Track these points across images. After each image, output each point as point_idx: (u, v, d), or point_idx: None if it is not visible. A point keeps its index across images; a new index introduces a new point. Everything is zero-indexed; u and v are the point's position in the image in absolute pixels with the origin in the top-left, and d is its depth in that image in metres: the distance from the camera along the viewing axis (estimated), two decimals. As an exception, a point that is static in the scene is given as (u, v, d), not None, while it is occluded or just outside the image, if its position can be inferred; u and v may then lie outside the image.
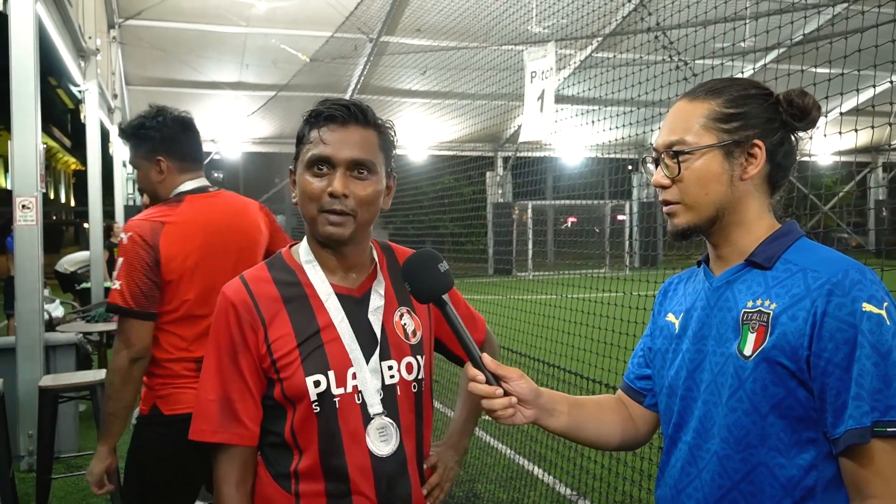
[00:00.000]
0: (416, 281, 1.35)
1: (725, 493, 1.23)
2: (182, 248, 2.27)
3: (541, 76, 4.19)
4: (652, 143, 1.37)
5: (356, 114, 1.43)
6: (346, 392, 1.42)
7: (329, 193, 1.39)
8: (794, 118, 1.27)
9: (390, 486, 1.43)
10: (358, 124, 1.43)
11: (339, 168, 1.40)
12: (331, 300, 1.46)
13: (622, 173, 15.43)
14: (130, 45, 12.15)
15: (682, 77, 3.93)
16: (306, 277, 1.48)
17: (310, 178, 1.42)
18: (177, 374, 2.25)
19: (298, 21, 11.75)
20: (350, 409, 1.42)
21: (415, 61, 12.33)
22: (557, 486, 4.19)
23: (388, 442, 1.43)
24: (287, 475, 1.42)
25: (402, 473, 1.45)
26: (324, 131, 1.42)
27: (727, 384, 1.24)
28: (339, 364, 1.42)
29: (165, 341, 2.27)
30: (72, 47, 7.61)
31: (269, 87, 13.97)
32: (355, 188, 1.41)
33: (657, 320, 1.46)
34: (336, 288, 1.47)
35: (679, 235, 1.31)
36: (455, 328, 1.32)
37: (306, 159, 1.42)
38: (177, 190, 2.41)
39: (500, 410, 1.28)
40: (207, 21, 11.86)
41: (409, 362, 1.49)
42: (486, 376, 1.29)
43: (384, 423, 1.43)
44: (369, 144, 1.43)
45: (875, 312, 1.13)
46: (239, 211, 2.52)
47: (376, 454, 1.42)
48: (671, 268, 4.83)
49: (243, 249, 2.43)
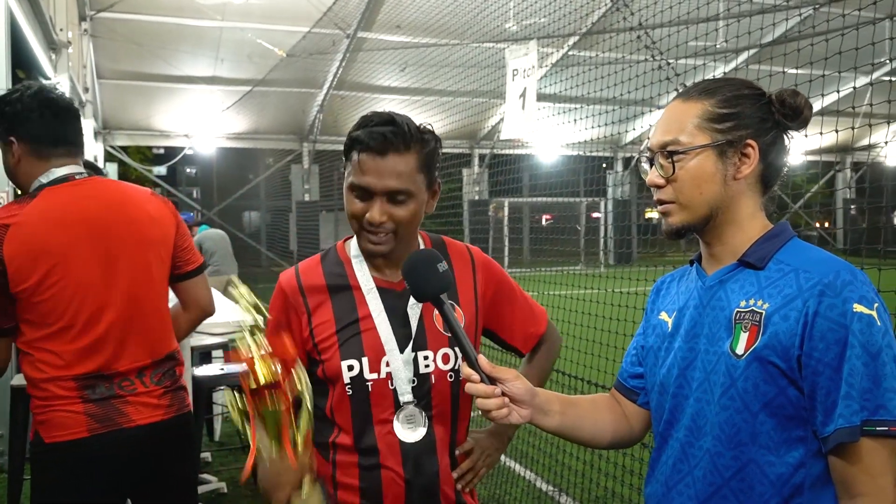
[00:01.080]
0: (414, 280, 1.39)
1: (716, 490, 1.25)
2: (30, 253, 1.92)
3: (522, 74, 4.20)
4: (643, 143, 1.38)
5: (393, 142, 1.47)
6: (380, 378, 1.54)
7: (368, 221, 1.50)
8: (786, 118, 1.29)
9: (417, 464, 1.54)
10: (396, 152, 1.48)
11: (377, 197, 1.49)
12: (371, 294, 1.58)
13: (597, 172, 15.54)
14: (103, 38, 11.95)
15: (664, 77, 3.96)
16: (353, 271, 1.61)
17: (352, 198, 1.52)
18: (54, 395, 1.96)
19: (274, 16, 11.64)
20: (383, 393, 1.54)
21: (392, 58, 12.28)
22: (538, 483, 4.21)
23: (414, 429, 1.55)
24: (326, 445, 1.57)
25: (430, 454, 1.56)
26: (363, 159, 1.49)
27: (719, 382, 1.25)
28: (373, 352, 1.54)
29: (39, 359, 1.97)
30: (42, 40, 7.46)
31: (244, 81, 13.81)
32: (394, 212, 1.50)
33: (650, 318, 1.48)
34: (378, 282, 1.59)
35: (673, 234, 1.33)
36: (452, 327, 1.34)
37: (347, 183, 1.53)
38: (37, 180, 2.04)
39: (495, 410, 1.29)
40: (182, 14, 11.70)
41: (445, 353, 1.59)
42: (480, 376, 1.30)
43: (413, 411, 1.55)
44: (408, 171, 1.49)
45: (866, 313, 1.15)
46: (118, 202, 2.10)
47: (403, 439, 1.54)
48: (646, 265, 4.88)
49: (126, 248, 2.06)
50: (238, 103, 14.53)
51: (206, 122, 15.58)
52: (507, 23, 8.00)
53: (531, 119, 4.20)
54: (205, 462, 4.75)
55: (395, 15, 10.74)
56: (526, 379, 1.34)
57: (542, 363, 1.81)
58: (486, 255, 1.72)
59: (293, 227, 16.72)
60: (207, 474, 4.48)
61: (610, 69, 4.55)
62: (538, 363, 1.80)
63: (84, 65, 11.33)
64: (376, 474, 1.53)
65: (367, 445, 1.54)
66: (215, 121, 15.51)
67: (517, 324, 1.74)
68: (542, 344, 1.80)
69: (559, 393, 1.46)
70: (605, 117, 5.01)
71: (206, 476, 4.43)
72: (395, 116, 1.51)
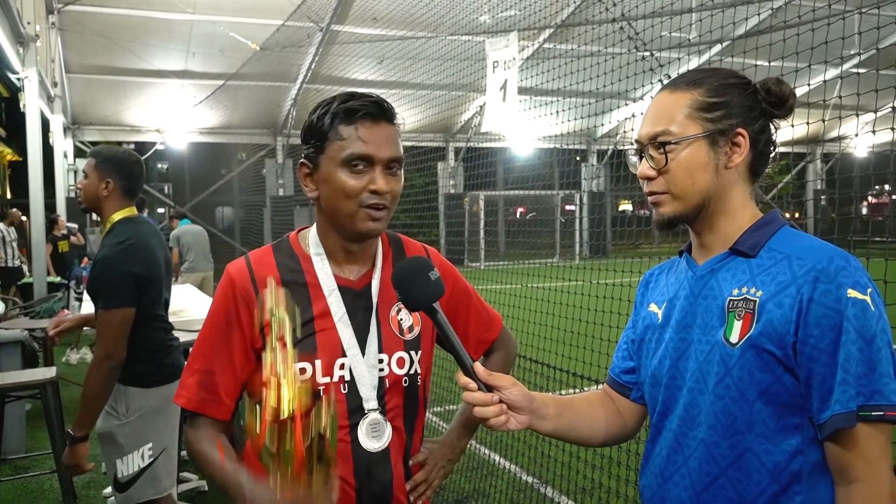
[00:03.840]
0: (406, 289, 1.35)
1: (713, 480, 1.25)
2: None
3: (503, 66, 4.19)
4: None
5: (388, 109, 1.45)
6: (332, 382, 1.43)
7: (374, 192, 1.41)
8: (772, 106, 1.29)
9: (370, 472, 1.45)
10: (387, 121, 1.45)
11: (379, 166, 1.42)
12: (333, 295, 1.48)
13: (572, 164, 15.61)
14: (71, 32, 11.73)
15: (640, 70, 3.97)
16: (311, 266, 1.50)
17: (347, 175, 1.41)
18: None
19: (246, 9, 11.51)
20: (337, 400, 1.42)
21: (366, 51, 12.21)
22: (522, 475, 4.22)
23: (378, 438, 1.46)
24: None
25: (384, 462, 1.47)
26: (361, 128, 1.41)
27: (713, 372, 1.25)
28: (327, 354, 1.43)
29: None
30: (10, 33, 7.30)
31: (216, 75, 13.65)
32: (392, 184, 1.44)
33: (639, 311, 1.47)
34: (338, 279, 1.50)
35: (665, 225, 1.32)
36: (446, 336, 1.31)
37: (342, 157, 1.41)
38: None
39: (494, 418, 1.28)
40: (151, 7, 11.52)
41: (400, 357, 1.50)
42: (478, 384, 1.29)
43: (377, 419, 1.46)
44: (398, 141, 1.47)
45: (860, 298, 1.15)
46: None
47: (365, 448, 1.44)
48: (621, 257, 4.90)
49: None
50: (210, 97, 14.35)
51: (177, 116, 15.38)
52: (483, 16, 7.99)
53: (512, 111, 4.20)
54: (184, 459, 4.69)
55: (370, 7, 10.67)
56: (522, 385, 1.33)
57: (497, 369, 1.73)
58: (442, 256, 1.67)
59: (267, 223, 16.58)
60: (188, 472, 4.43)
61: (585, 62, 4.56)
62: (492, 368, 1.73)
63: (52, 59, 11.12)
64: None
65: None
66: (187, 115, 15.31)
67: (470, 328, 1.67)
68: (494, 350, 1.73)
69: (554, 395, 1.45)
70: (580, 110, 5.02)
71: (187, 474, 4.38)
72: (366, 92, 1.47)
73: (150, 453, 2.84)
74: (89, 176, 2.85)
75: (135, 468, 2.82)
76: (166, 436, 2.89)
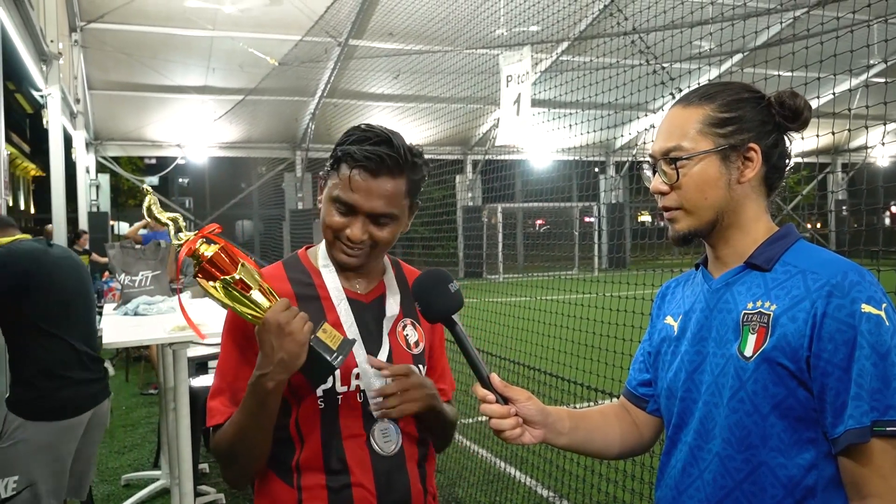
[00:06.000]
0: (427, 301, 1.37)
1: (728, 494, 1.24)
2: None
3: (517, 80, 4.21)
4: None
5: (387, 164, 1.42)
6: (349, 391, 1.47)
7: (347, 237, 1.44)
8: (786, 119, 1.29)
9: (389, 480, 1.47)
10: (389, 175, 1.43)
11: (360, 216, 1.43)
12: (342, 304, 1.51)
13: (590, 176, 15.57)
14: (93, 49, 11.93)
15: (656, 81, 3.97)
16: (321, 280, 1.53)
17: (332, 210, 1.45)
18: None
19: (266, 24, 11.64)
20: (352, 407, 1.47)
21: (384, 65, 12.29)
22: (538, 489, 4.20)
23: (390, 443, 1.48)
24: (289, 469, 1.46)
25: (401, 470, 1.49)
26: (354, 175, 1.41)
27: (728, 385, 1.25)
28: (344, 364, 1.42)
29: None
30: (33, 51, 7.43)
31: (235, 91, 13.81)
32: (375, 232, 1.45)
33: (655, 324, 1.47)
34: (347, 293, 1.53)
35: (680, 241, 1.32)
36: (464, 347, 1.33)
37: (332, 194, 1.45)
38: None
39: (509, 431, 1.29)
40: (173, 24, 11.69)
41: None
42: (495, 396, 1.30)
43: (386, 426, 1.49)
44: (396, 195, 1.44)
45: (874, 313, 1.15)
46: None
47: (379, 453, 1.47)
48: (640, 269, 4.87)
49: None
50: (230, 112, 14.52)
51: (198, 131, 15.57)
52: (499, 29, 8.02)
53: (526, 124, 4.21)
54: (202, 473, 4.72)
55: (387, 22, 10.75)
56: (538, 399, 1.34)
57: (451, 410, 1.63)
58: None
59: (287, 236, 16.70)
60: (205, 485, 4.45)
61: (601, 74, 4.56)
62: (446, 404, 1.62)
63: (75, 76, 11.31)
64: (347, 494, 1.43)
65: (336, 463, 1.44)
66: (207, 130, 15.49)
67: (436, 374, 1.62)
68: None
69: (569, 409, 1.45)
70: (598, 122, 5.02)
71: (205, 487, 4.40)
72: (391, 137, 1.44)
73: (13, 486, 2.76)
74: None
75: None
76: (39, 474, 2.80)
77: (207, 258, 1.35)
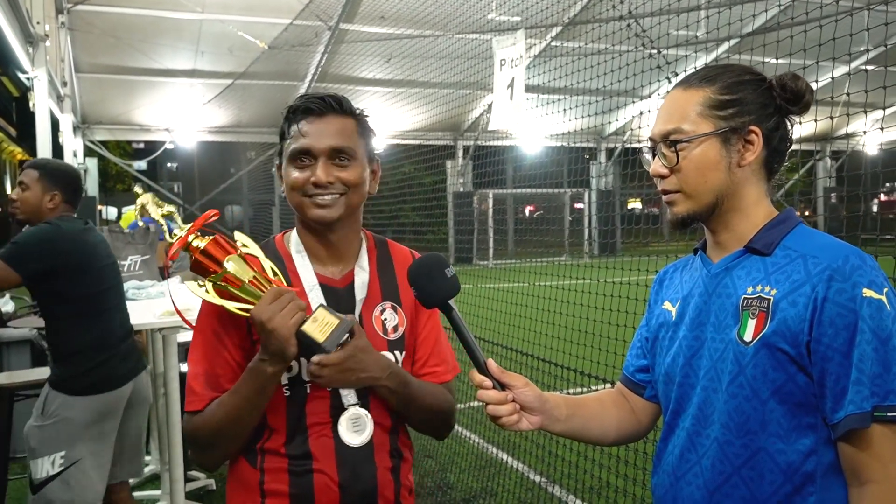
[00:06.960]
0: (423, 286, 1.35)
1: (726, 479, 1.24)
2: None
3: (510, 64, 4.17)
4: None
5: (332, 104, 1.48)
6: None
7: (313, 183, 1.45)
8: (788, 102, 1.28)
9: (355, 469, 1.45)
10: (335, 113, 1.48)
11: (321, 158, 1.45)
12: (314, 291, 1.49)
13: (581, 162, 15.56)
14: (80, 32, 11.76)
15: (649, 67, 3.95)
16: (293, 265, 1.52)
17: (293, 170, 1.47)
18: None
19: (255, 7, 11.51)
20: (320, 395, 1.45)
21: (375, 49, 12.20)
22: (530, 474, 4.21)
23: (360, 432, 1.46)
24: (254, 451, 1.48)
25: (369, 461, 1.47)
26: (302, 124, 1.47)
27: (727, 370, 1.24)
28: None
29: None
30: (20, 33, 7.32)
31: (225, 74, 13.67)
32: (339, 173, 1.46)
33: (653, 309, 1.46)
34: (320, 278, 1.51)
35: (679, 224, 1.31)
36: (460, 332, 1.31)
37: (288, 154, 1.48)
38: None
39: (506, 417, 1.28)
40: (161, 6, 11.55)
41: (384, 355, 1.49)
42: (492, 382, 1.28)
43: (358, 413, 1.46)
44: (347, 131, 1.48)
45: (875, 298, 1.14)
46: None
47: (346, 443, 1.45)
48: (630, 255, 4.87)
49: None
50: (219, 97, 14.39)
51: (186, 115, 15.43)
52: (491, 13, 7.97)
53: (519, 109, 4.18)
54: (192, 459, 4.70)
55: (378, 6, 10.66)
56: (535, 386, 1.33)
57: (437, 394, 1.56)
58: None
59: (276, 221, 16.62)
60: (195, 471, 4.43)
61: (593, 59, 4.53)
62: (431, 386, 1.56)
63: (62, 58, 11.15)
64: (308, 479, 1.43)
65: (299, 450, 1.44)
66: (196, 114, 15.36)
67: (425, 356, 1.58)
68: None
69: (566, 395, 1.44)
70: (589, 108, 5.00)
71: (195, 473, 4.38)
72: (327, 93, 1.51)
73: (61, 462, 2.80)
74: (31, 188, 2.87)
75: (44, 473, 2.81)
76: (83, 450, 2.84)
77: (200, 249, 1.38)
